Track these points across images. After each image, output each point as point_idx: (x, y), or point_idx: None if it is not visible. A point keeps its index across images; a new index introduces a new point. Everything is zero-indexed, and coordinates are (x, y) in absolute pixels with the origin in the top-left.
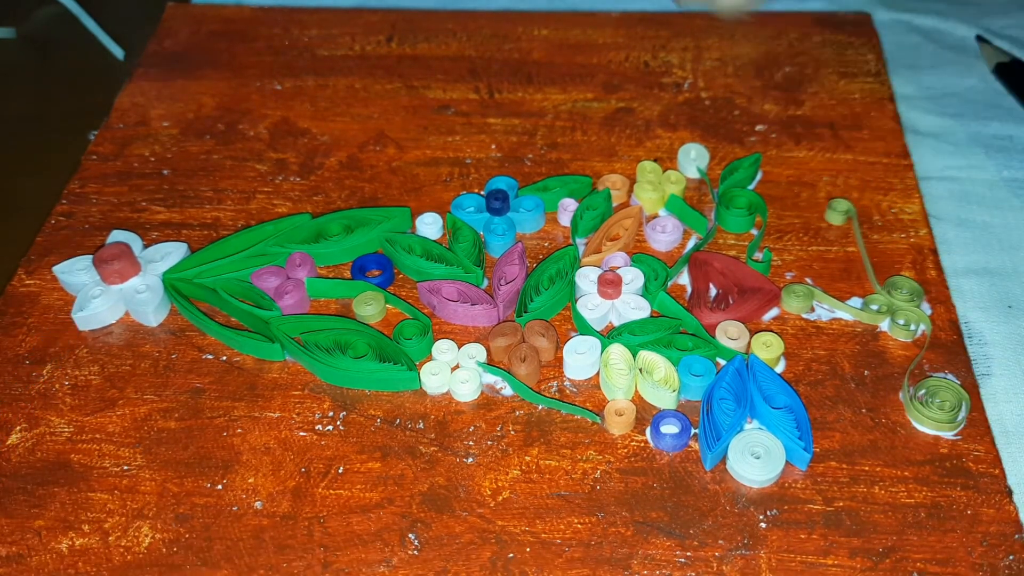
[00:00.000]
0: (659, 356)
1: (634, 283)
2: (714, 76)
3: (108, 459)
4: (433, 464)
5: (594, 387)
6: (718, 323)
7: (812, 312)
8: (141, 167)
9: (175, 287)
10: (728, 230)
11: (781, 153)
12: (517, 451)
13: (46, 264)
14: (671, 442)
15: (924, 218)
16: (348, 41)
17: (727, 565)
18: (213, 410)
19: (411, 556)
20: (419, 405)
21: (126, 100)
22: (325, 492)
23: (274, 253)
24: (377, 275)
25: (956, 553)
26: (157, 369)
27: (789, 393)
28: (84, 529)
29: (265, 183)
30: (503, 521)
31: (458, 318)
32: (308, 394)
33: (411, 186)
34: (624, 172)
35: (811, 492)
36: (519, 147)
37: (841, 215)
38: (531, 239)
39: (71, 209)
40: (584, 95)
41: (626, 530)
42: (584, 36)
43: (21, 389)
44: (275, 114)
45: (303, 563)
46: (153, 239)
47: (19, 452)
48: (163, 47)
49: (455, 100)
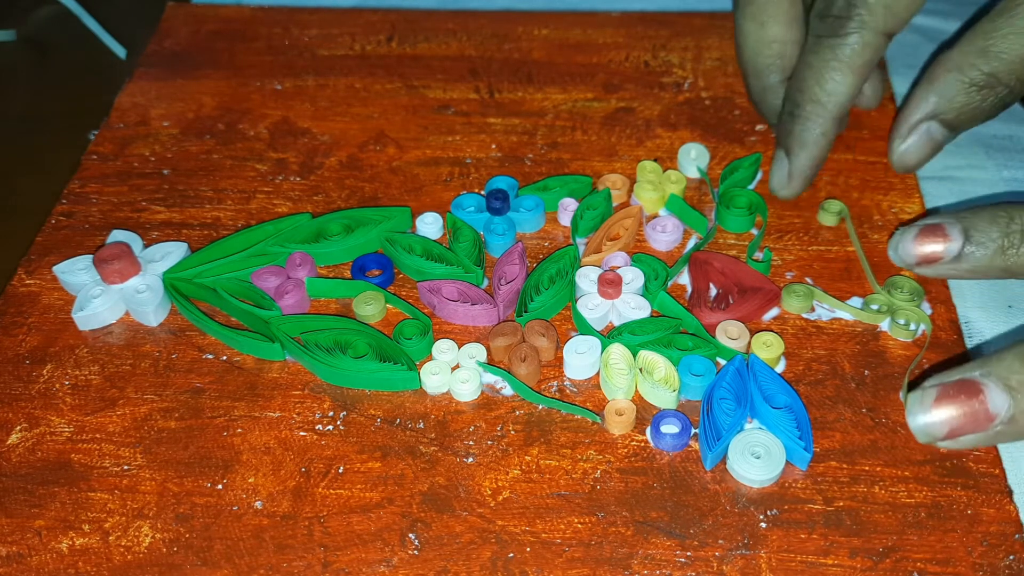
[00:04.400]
0: (659, 356)
1: (634, 283)
2: (714, 76)
3: (108, 459)
4: (433, 464)
5: (594, 387)
6: (718, 323)
7: (812, 312)
8: (141, 167)
9: (175, 287)
10: (728, 230)
11: None
12: (517, 451)
13: (46, 264)
14: (671, 442)
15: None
16: (348, 41)
17: (727, 565)
18: (213, 410)
19: (411, 556)
20: (419, 405)
21: (126, 100)
22: (325, 492)
23: (274, 253)
24: (377, 275)
25: (956, 553)
26: (157, 369)
27: (789, 393)
28: (84, 529)
29: (265, 183)
30: (503, 521)
31: (458, 318)
32: (308, 394)
33: (411, 186)
34: (624, 172)
35: (811, 492)
36: (519, 147)
37: (834, 216)
38: (531, 239)
39: (71, 209)
40: (584, 95)
41: (626, 530)
42: (584, 36)
43: (21, 389)
44: (275, 114)
45: (303, 563)
46: (153, 239)
47: (19, 452)
48: (163, 47)
49: (455, 100)
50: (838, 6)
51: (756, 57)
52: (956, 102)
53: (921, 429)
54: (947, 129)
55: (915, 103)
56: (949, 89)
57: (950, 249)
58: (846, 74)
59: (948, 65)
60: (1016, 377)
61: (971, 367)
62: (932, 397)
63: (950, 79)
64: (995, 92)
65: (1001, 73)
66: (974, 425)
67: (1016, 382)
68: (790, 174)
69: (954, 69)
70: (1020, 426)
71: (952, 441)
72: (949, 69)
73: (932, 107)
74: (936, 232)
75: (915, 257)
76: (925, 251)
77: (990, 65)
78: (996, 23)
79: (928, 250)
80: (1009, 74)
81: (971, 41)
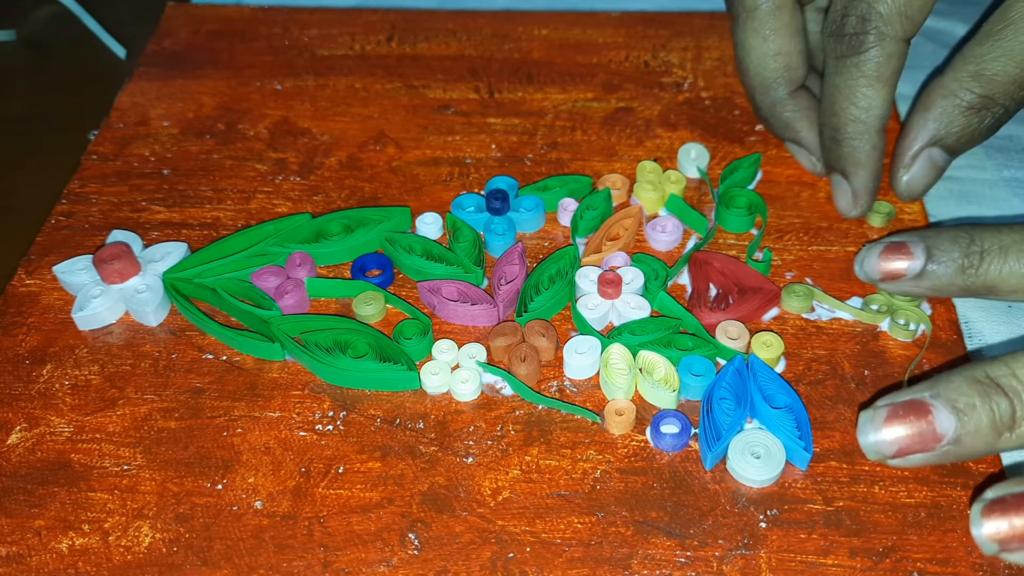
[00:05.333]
0: (659, 356)
1: (634, 283)
2: (714, 76)
3: (108, 459)
4: (433, 464)
5: (594, 387)
6: (718, 323)
7: (812, 312)
8: (141, 167)
9: (175, 287)
10: (728, 230)
11: (781, 153)
12: (517, 451)
13: (46, 264)
14: (671, 442)
15: (924, 218)
16: (348, 41)
17: (727, 565)
18: (213, 410)
19: (411, 556)
20: (419, 405)
21: (126, 100)
22: (325, 492)
23: (274, 253)
24: (377, 275)
25: (956, 553)
26: (157, 369)
27: (789, 393)
28: (84, 529)
29: (265, 183)
30: (503, 521)
31: (458, 318)
32: (308, 394)
33: (411, 186)
34: (624, 172)
35: (811, 492)
36: (519, 147)
37: (883, 216)
38: (531, 239)
39: (71, 209)
40: (584, 95)
41: (626, 530)
42: (584, 36)
43: (21, 389)
44: (275, 114)
45: (303, 563)
46: (153, 239)
47: (19, 452)
48: (163, 47)
49: (455, 100)
50: (851, 24)
51: (763, 72)
52: (955, 126)
53: (871, 447)
54: (948, 153)
55: (914, 131)
56: (946, 114)
57: (912, 267)
58: (877, 88)
59: (943, 91)
60: (964, 400)
61: (921, 388)
62: (883, 416)
63: (946, 105)
64: (992, 113)
65: (996, 95)
66: (922, 445)
67: (964, 404)
68: (855, 194)
69: (949, 95)
70: (966, 447)
71: (900, 460)
72: (944, 95)
73: (931, 134)
74: (900, 249)
75: (879, 273)
76: (888, 267)
77: (984, 88)
78: (984, 47)
79: (891, 267)
80: (1004, 95)
81: (962, 66)
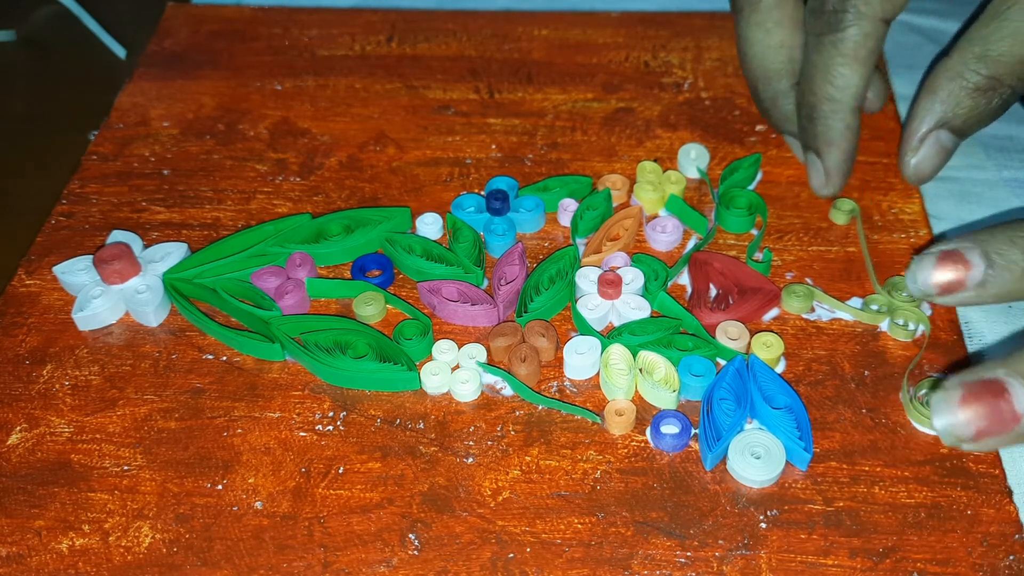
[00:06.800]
0: (659, 356)
1: (634, 283)
2: (714, 76)
3: (108, 459)
4: (433, 464)
5: (594, 387)
6: (718, 323)
7: (812, 312)
8: (141, 167)
9: (175, 287)
10: (728, 230)
11: (781, 153)
12: (517, 451)
13: (46, 264)
14: (671, 442)
15: (924, 218)
16: (348, 41)
17: (727, 565)
18: (213, 410)
19: (411, 556)
20: (419, 405)
21: (126, 100)
22: (325, 492)
23: (274, 253)
24: (377, 275)
25: (956, 553)
26: (157, 369)
27: (789, 393)
28: (84, 529)
29: (265, 183)
30: (503, 521)
31: (458, 318)
32: (308, 394)
33: (411, 186)
34: (624, 172)
35: (811, 492)
36: (519, 147)
37: (845, 214)
38: (531, 239)
39: (71, 209)
40: (584, 95)
41: (626, 530)
42: (584, 36)
43: (21, 389)
44: (275, 114)
45: (303, 563)
46: (153, 239)
47: (19, 452)
48: (163, 47)
49: (455, 100)
50: (831, 2)
51: (765, 63)
52: (962, 108)
53: (947, 430)
54: (956, 135)
55: (921, 114)
56: (953, 96)
57: (972, 276)
58: (854, 67)
59: (949, 74)
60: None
61: (991, 366)
62: (958, 397)
63: (953, 87)
64: (999, 93)
65: (1003, 75)
66: (1000, 426)
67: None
68: (827, 172)
69: (956, 77)
70: None
71: (976, 444)
72: (951, 77)
73: (939, 116)
74: (955, 258)
75: (936, 288)
76: (946, 280)
77: (990, 69)
78: (989, 28)
79: (949, 278)
80: (1011, 75)
81: (968, 48)
